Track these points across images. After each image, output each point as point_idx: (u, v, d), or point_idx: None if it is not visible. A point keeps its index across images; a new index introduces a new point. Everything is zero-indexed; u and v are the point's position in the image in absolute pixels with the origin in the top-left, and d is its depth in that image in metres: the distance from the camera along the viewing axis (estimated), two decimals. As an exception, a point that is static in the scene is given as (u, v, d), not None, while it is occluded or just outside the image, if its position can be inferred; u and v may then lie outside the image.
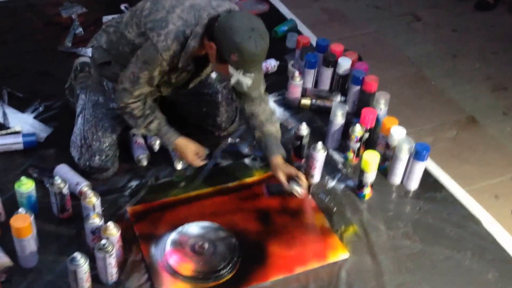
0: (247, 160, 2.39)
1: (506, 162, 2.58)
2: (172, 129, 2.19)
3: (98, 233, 1.89)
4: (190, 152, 2.20)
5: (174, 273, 1.93)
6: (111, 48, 2.16)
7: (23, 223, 1.81)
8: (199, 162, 2.25)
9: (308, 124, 2.35)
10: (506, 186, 2.48)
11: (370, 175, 2.20)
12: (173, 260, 1.95)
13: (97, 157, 2.19)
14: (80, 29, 2.97)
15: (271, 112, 2.23)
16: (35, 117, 2.44)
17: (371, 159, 2.17)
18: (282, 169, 2.14)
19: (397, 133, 2.28)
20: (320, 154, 2.24)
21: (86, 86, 2.30)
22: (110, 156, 2.21)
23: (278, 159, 2.16)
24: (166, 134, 2.18)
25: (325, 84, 2.73)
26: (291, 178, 2.14)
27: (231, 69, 1.94)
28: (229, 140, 2.46)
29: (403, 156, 2.26)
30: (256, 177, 2.32)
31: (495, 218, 2.21)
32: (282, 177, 2.14)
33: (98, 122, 2.21)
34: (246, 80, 1.96)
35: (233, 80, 1.97)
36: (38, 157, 2.28)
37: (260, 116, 2.19)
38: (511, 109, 2.92)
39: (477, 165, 2.50)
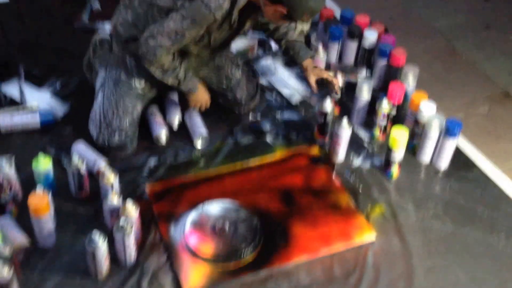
0: (268, 138, 2.31)
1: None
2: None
3: (116, 213, 1.83)
4: (206, 95, 2.27)
5: (194, 254, 1.86)
6: (139, 22, 2.09)
7: (41, 201, 1.77)
8: (202, 108, 2.29)
9: (332, 100, 2.26)
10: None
11: (398, 153, 2.11)
12: (193, 240, 1.89)
13: (116, 136, 2.12)
14: (97, 4, 2.89)
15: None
16: (52, 94, 2.39)
17: (399, 136, 2.08)
18: (313, 73, 2.30)
19: (427, 109, 2.18)
20: (345, 131, 2.14)
21: (106, 62, 2.24)
22: (130, 135, 2.15)
23: (308, 62, 2.32)
24: (191, 79, 2.18)
25: (350, 58, 2.62)
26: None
27: (298, 23, 2.27)
28: (250, 117, 2.38)
29: (433, 133, 2.15)
30: (278, 154, 2.24)
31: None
32: (313, 81, 2.30)
33: (119, 100, 2.14)
34: (306, 27, 2.35)
35: (297, 31, 2.29)
36: (55, 135, 2.22)
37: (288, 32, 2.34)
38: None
39: (513, 142, 2.38)
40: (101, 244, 1.71)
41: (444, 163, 2.21)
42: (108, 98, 2.16)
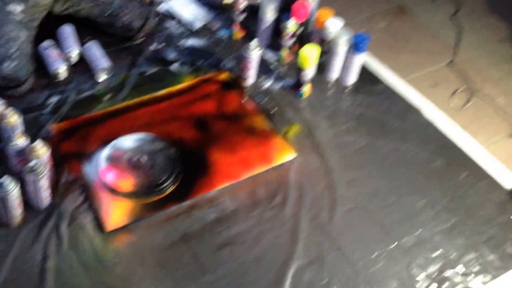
0: (174, 66, 2.21)
1: (441, 48, 2.53)
2: None
3: (23, 155, 1.69)
4: None
5: (113, 190, 1.77)
6: None
7: None
8: None
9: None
10: (444, 73, 2.44)
11: (309, 72, 2.09)
12: (110, 177, 1.79)
13: (6, 63, 1.93)
14: None
15: None
16: None
17: (310, 54, 2.06)
18: None
19: (334, 26, 2.16)
20: (254, 53, 2.09)
21: None
22: (22, 64, 1.96)
23: None
24: None
25: (248, -19, 2.56)
26: None
27: None
28: (152, 47, 2.27)
29: (341, 49, 2.15)
30: (186, 83, 2.15)
31: (437, 106, 2.18)
32: None
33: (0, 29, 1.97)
34: None
35: None
36: None
37: None
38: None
39: (413, 55, 2.44)
40: (12, 188, 1.57)
41: (351, 78, 2.22)
42: None
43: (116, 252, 1.66)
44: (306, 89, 2.14)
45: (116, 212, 1.73)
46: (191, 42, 2.31)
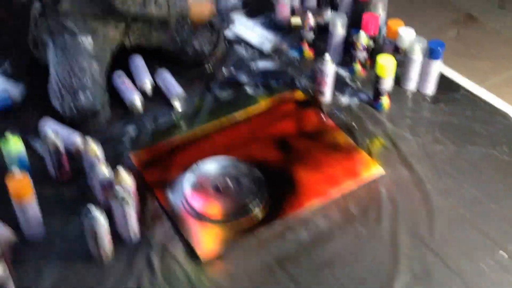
0: (248, 89, 2.17)
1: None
2: None
3: (109, 184, 1.65)
4: (201, 5, 2.13)
5: (201, 217, 1.72)
6: None
7: (22, 183, 1.55)
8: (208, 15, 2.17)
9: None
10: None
11: (387, 81, 2.02)
12: (197, 203, 1.73)
13: (81, 94, 1.92)
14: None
15: None
16: (2, 76, 2.14)
17: (387, 63, 1.99)
18: None
19: (407, 34, 2.10)
20: (329, 67, 2.03)
21: (49, 33, 2.03)
22: (97, 95, 1.95)
23: None
24: None
25: (312, 0, 2.52)
26: None
27: None
28: (224, 70, 2.24)
29: (417, 57, 2.08)
30: (262, 104, 2.10)
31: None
32: None
33: (72, 61, 1.96)
34: None
35: None
36: (16, 118, 1.99)
37: None
38: (505, 1, 2.76)
39: (488, 61, 2.35)
40: (101, 218, 1.52)
41: (430, 86, 2.14)
42: (61, 64, 1.97)
43: (212, 281, 1.58)
44: (386, 101, 2.06)
45: (207, 240, 1.67)
46: (262, 64, 2.27)
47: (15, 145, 1.72)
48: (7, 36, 2.35)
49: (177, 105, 2.06)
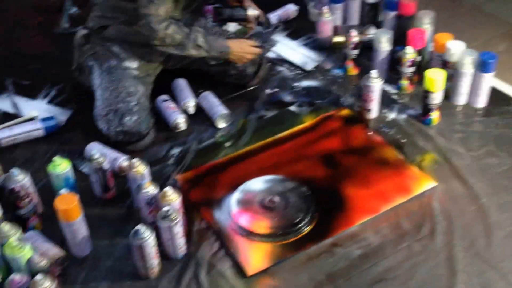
0: (293, 108, 2.14)
1: None
2: (217, 34, 2.11)
3: (155, 203, 1.63)
4: (247, 44, 2.10)
5: (249, 234, 1.67)
6: (104, 10, 2.02)
7: (70, 203, 1.55)
8: (259, 50, 2.14)
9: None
10: None
11: (437, 95, 1.96)
12: (244, 220, 1.70)
13: (127, 118, 1.92)
14: (75, 8, 2.70)
15: None
16: (48, 103, 2.18)
17: (437, 76, 1.94)
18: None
19: (456, 47, 2.05)
20: (376, 84, 1.99)
21: (94, 59, 2.06)
22: (142, 118, 1.95)
23: None
24: (216, 40, 2.05)
25: (354, 19, 2.50)
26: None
27: None
28: (267, 91, 2.22)
29: (467, 70, 2.02)
30: (307, 123, 2.07)
31: None
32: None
33: (118, 85, 1.97)
34: None
35: None
36: (62, 141, 2.01)
37: None
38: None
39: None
40: (148, 236, 1.50)
41: (482, 100, 2.07)
42: (107, 89, 1.98)
43: (261, 297, 1.54)
44: (435, 115, 2.00)
45: (255, 256, 1.62)
46: (306, 83, 2.24)
47: (62, 166, 1.72)
48: (52, 66, 2.39)
49: (221, 125, 2.04)
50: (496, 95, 2.12)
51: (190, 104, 2.08)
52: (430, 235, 1.66)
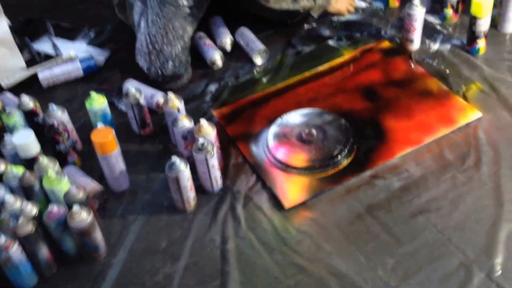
0: (331, 42, 2.08)
1: None
2: None
3: (190, 136, 1.62)
4: None
5: (286, 167, 1.65)
6: None
7: (107, 136, 1.54)
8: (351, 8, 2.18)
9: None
10: None
11: (484, 22, 1.86)
12: (282, 153, 1.67)
13: (170, 63, 1.90)
14: None
15: None
16: (88, 44, 2.17)
17: (484, 0, 1.84)
18: None
19: (505, -30, 1.94)
20: (418, 11, 1.90)
21: None
22: (184, 62, 1.92)
23: None
24: None
25: None
26: None
27: None
28: (306, 26, 2.16)
29: (516, -5, 1.92)
30: (347, 56, 2.01)
31: None
32: None
33: (167, 24, 1.90)
34: None
35: None
36: (101, 81, 2.01)
37: None
38: None
39: None
40: (184, 168, 1.50)
41: (532, 28, 1.97)
42: (154, 22, 1.91)
43: (298, 230, 1.51)
44: (482, 44, 1.91)
45: (292, 189, 1.60)
46: (346, 16, 2.17)
47: (99, 102, 1.72)
48: (93, 7, 2.38)
49: (258, 61, 2.00)
50: (548, 22, 2.01)
51: (227, 40, 2.04)
52: (475, 166, 1.60)
